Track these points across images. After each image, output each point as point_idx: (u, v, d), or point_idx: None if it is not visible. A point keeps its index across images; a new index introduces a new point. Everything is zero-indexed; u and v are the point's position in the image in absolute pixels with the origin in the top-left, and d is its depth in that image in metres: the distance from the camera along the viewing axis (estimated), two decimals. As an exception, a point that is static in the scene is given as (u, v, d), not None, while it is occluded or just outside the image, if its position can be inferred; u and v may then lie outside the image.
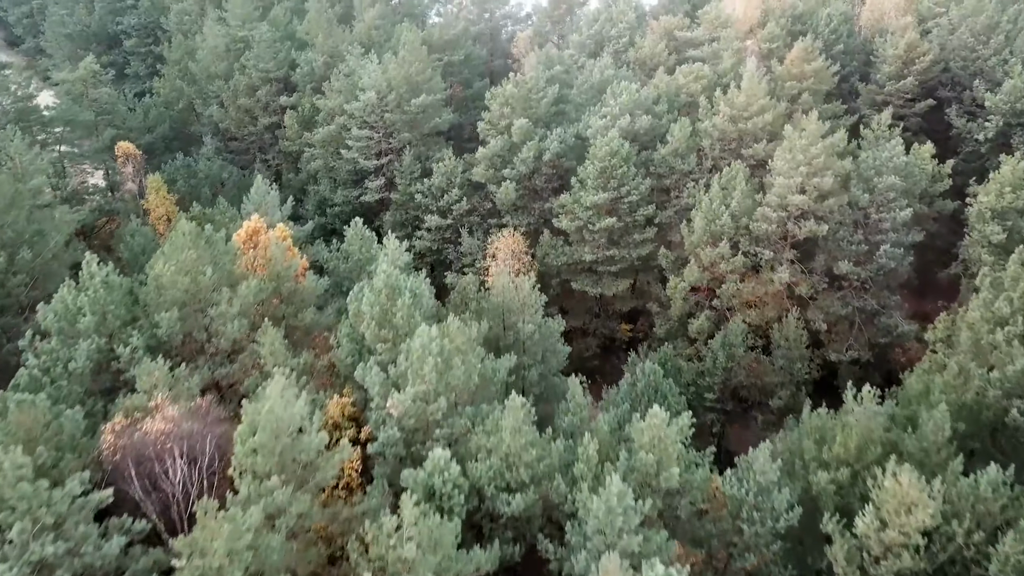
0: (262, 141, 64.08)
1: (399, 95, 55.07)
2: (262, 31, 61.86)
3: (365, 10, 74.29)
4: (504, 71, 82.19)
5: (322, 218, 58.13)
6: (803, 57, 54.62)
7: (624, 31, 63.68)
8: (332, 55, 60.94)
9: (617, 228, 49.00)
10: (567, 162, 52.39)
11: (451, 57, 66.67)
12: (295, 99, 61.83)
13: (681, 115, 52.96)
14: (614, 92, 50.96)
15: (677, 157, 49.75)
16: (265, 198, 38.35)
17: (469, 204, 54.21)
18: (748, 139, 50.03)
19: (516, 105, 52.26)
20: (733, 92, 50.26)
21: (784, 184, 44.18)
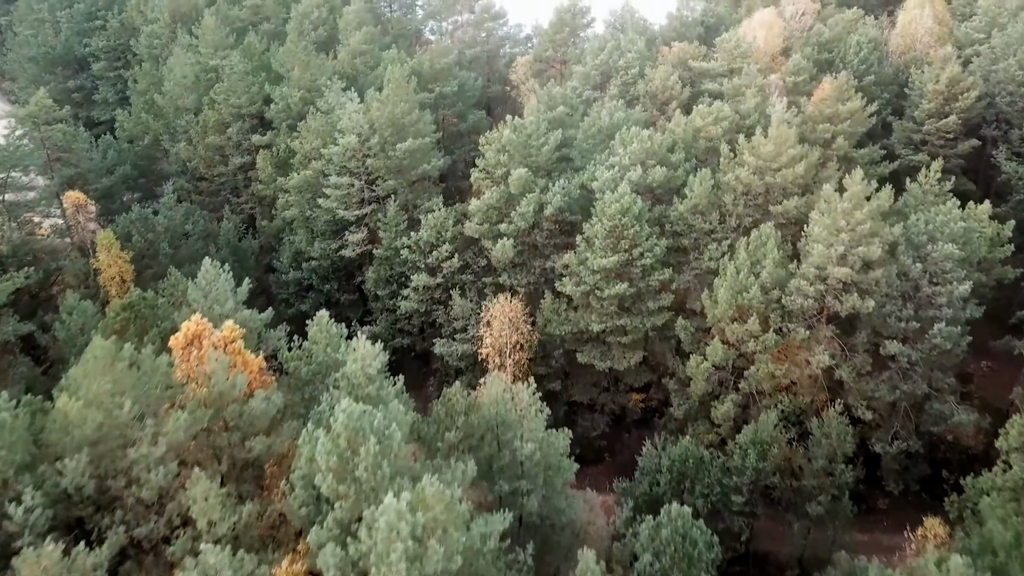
0: (234, 182, 58.10)
1: (383, 138, 49.09)
2: (233, 62, 55.87)
3: (350, 33, 68.33)
4: (502, 98, 76.55)
5: (297, 272, 52.18)
6: (837, 96, 48.62)
7: (633, 61, 57.67)
8: (310, 89, 54.90)
9: (629, 294, 43.03)
10: (571, 216, 46.42)
11: (443, 88, 60.68)
12: (269, 138, 55.87)
13: (700, 164, 47.04)
14: (623, 139, 44.97)
15: (697, 214, 43.77)
16: (215, 284, 32.34)
17: (461, 261, 48.23)
18: (777, 193, 44.08)
19: (514, 153, 46.28)
20: (759, 140, 44.29)
21: (823, 254, 38.18)
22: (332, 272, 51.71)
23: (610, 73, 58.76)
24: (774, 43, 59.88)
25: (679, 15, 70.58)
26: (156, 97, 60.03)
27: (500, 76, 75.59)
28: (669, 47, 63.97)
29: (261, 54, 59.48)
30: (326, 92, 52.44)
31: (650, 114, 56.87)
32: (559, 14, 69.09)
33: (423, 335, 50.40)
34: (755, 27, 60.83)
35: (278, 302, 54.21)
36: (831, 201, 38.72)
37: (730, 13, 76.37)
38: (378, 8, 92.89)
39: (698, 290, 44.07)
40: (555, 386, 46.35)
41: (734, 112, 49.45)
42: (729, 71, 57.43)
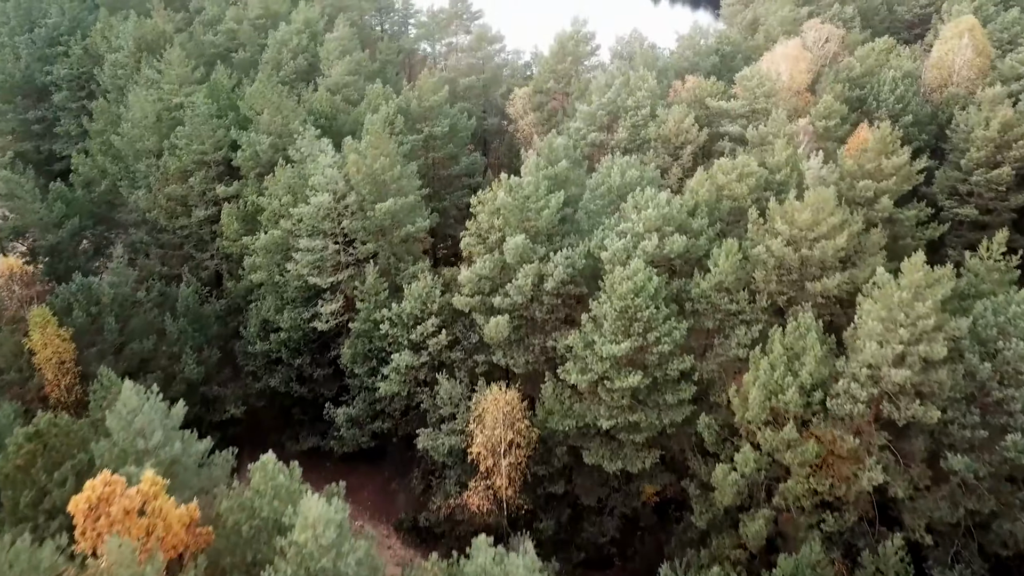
0: (199, 235, 51.99)
1: (360, 197, 43.03)
2: (196, 101, 49.80)
3: (332, 64, 62.39)
4: (498, 132, 70.51)
5: (265, 343, 46.05)
6: (880, 148, 42.53)
7: (643, 100, 51.65)
8: (281, 135, 48.84)
9: (643, 386, 36.95)
10: (576, 289, 40.39)
11: (433, 128, 54.64)
12: (236, 188, 49.80)
13: (724, 229, 41.00)
14: (637, 203, 38.91)
15: (722, 292, 37.64)
16: (138, 413, 26.12)
17: (450, 336, 42.23)
18: (814, 267, 38.01)
19: (509, 217, 40.23)
20: (793, 204, 38.21)
21: (877, 353, 32.07)
22: (304, 344, 45.65)
23: (618, 113, 52.76)
24: (800, 79, 53.87)
25: (691, 42, 64.58)
26: (113, 138, 53.90)
27: (497, 108, 69.66)
28: (683, 81, 58.07)
29: (230, 92, 53.35)
30: (298, 139, 46.33)
31: (662, 160, 50.97)
32: (561, 42, 63.13)
33: (406, 418, 44.33)
34: (778, 60, 54.85)
35: (244, 375, 48.35)
36: (885, 287, 32.61)
37: (745, 39, 70.52)
38: (368, 27, 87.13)
39: (723, 380, 38.02)
40: (557, 488, 40.34)
41: (761, 166, 43.37)
42: (751, 111, 51.51)
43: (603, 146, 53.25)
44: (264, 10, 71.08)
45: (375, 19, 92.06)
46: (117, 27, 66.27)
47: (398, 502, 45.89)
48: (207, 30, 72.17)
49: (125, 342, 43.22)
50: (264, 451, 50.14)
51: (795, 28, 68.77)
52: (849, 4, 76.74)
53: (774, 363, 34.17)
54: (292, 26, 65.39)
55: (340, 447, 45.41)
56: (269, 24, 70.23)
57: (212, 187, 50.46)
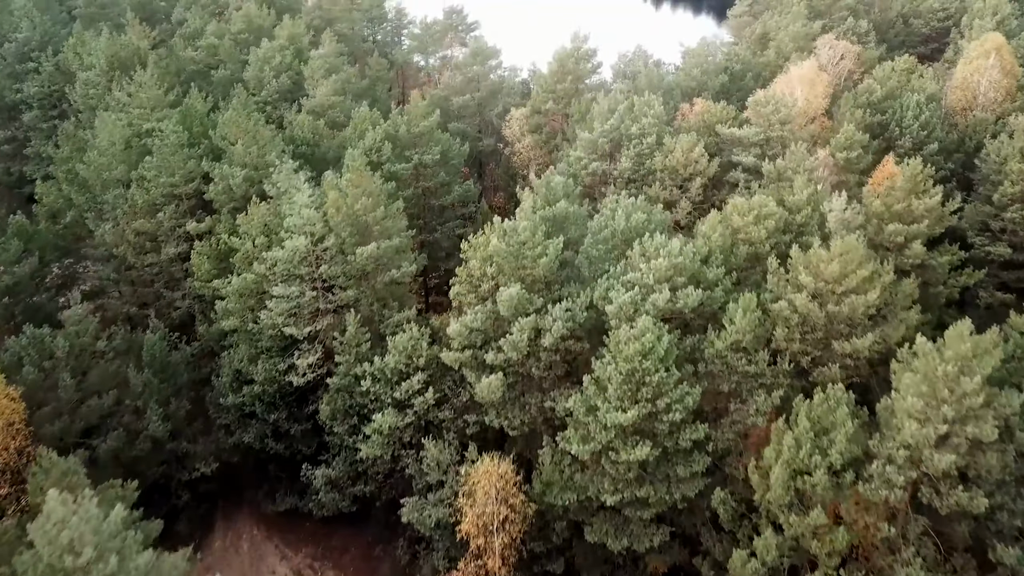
0: (169, 274, 48.15)
1: (340, 239, 39.24)
2: (165, 130, 45.98)
3: (317, 83, 58.60)
4: (493, 155, 66.78)
5: (238, 397, 42.26)
6: (910, 188, 38.76)
7: (649, 127, 47.85)
8: (257, 167, 45.03)
9: (652, 457, 33.19)
10: (577, 345, 36.68)
11: (423, 156, 50.86)
12: (209, 224, 45.97)
13: (741, 278, 37.28)
14: (646, 251, 35.15)
15: (739, 352, 33.87)
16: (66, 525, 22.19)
17: (438, 393, 38.48)
18: (842, 323, 34.27)
19: (503, 264, 36.46)
20: (818, 254, 34.47)
21: (917, 434, 28.30)
22: (280, 398, 41.87)
23: (621, 141, 48.98)
24: (817, 104, 50.08)
25: (698, 59, 60.81)
26: (78, 166, 50.05)
27: (493, 128, 65.88)
28: (691, 104, 54.30)
29: (204, 117, 49.47)
30: (274, 172, 42.51)
31: (669, 192, 47.24)
32: (560, 60, 59.34)
33: (391, 481, 40.56)
34: (794, 83, 51.04)
35: (217, 428, 44.54)
36: (926, 358, 28.83)
37: (755, 54, 66.73)
38: (359, 39, 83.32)
39: (741, 450, 34.29)
40: (556, 567, 36.61)
41: (779, 204, 39.63)
42: (765, 139, 47.71)
43: (605, 176, 49.50)
44: (247, 24, 67.26)
45: (367, 29, 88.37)
46: (90, 43, 62.38)
47: (382, 571, 42.14)
48: (187, 44, 68.30)
49: (83, 398, 39.44)
50: (240, 509, 46.72)
51: (808, 44, 65.02)
52: (863, 18, 73.13)
53: (799, 439, 30.43)
54: (275, 43, 61.61)
55: (319, 510, 41.65)
56: (252, 39, 66.37)
57: (183, 222, 46.63)
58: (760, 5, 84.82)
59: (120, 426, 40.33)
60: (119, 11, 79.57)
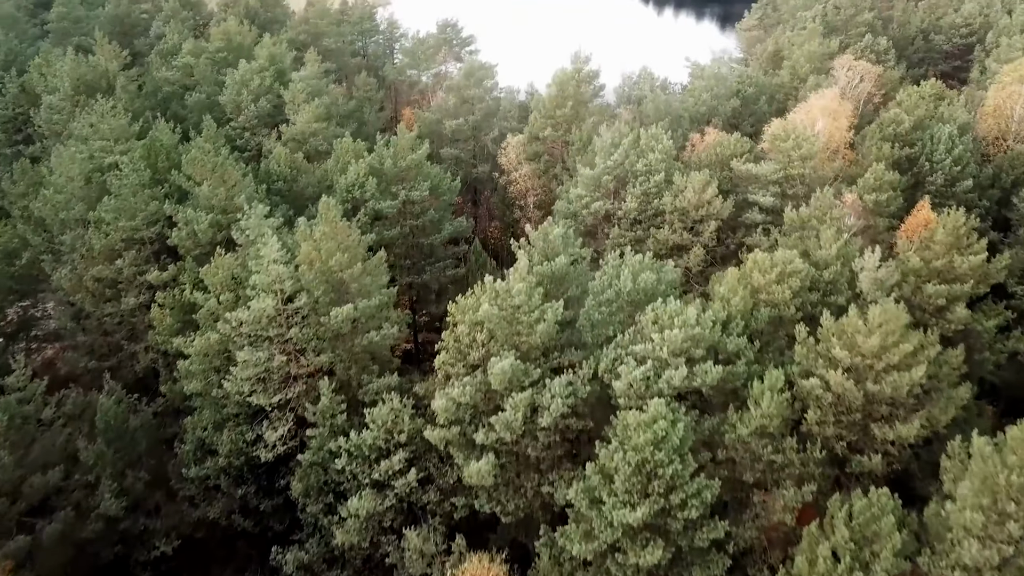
0: (131, 325, 43.90)
1: (313, 299, 34.99)
2: (124, 171, 41.72)
3: (298, 109, 54.37)
4: (487, 182, 62.63)
5: (202, 469, 37.99)
6: (952, 242, 34.54)
7: (657, 164, 43.64)
8: (225, 210, 40.78)
9: (666, 559, 28.96)
10: (579, 423, 32.47)
11: (410, 193, 46.65)
12: (172, 272, 41.70)
13: (764, 343, 33.05)
14: (658, 319, 30.93)
15: (764, 439, 29.67)
16: None
17: (422, 472, 34.25)
18: (882, 405, 30.05)
19: (496, 331, 32.24)
20: (853, 323, 30.27)
21: (977, 556, 24.07)
22: (248, 471, 37.62)
23: (626, 178, 44.78)
24: (839, 136, 45.83)
25: (708, 82, 56.60)
26: (34, 204, 45.82)
27: (488, 153, 61.67)
28: (701, 134, 50.12)
29: (170, 151, 45.16)
30: (243, 218, 38.24)
31: (680, 236, 43.05)
32: (559, 84, 55.09)
33: (370, 566, 36.28)
34: (814, 113, 46.79)
35: (179, 500, 40.18)
36: (986, 462, 24.61)
37: (767, 73, 62.51)
38: (349, 53, 79.13)
39: (765, 550, 30.07)
40: (555, 678, 32.28)
41: (803, 256, 35.41)
42: (785, 176, 43.47)
43: (609, 216, 45.31)
44: (226, 43, 63.02)
45: (358, 42, 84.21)
46: (55, 63, 58.16)
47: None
48: (164, 63, 64.08)
49: (25, 475, 35.17)
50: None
51: (824, 64, 60.90)
52: (881, 34, 69.02)
53: (837, 549, 26.17)
54: (253, 64, 57.33)
55: (292, 597, 37.36)
56: (231, 59, 62.15)
57: (145, 269, 42.38)
58: (770, 18, 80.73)
59: (69, 504, 36.08)
60: (95, 25, 75.55)
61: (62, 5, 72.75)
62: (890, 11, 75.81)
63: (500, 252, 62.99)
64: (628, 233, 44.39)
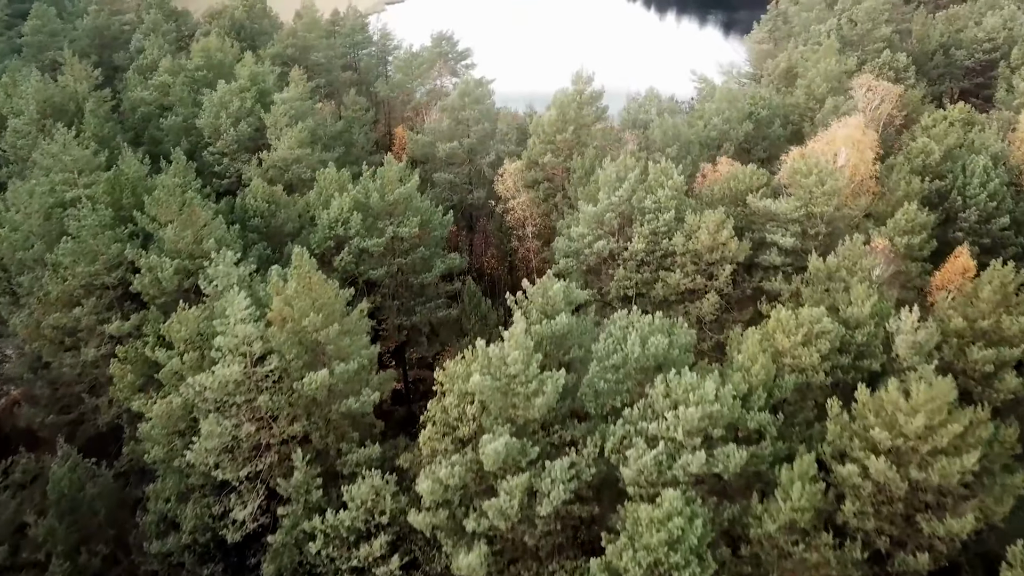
0: (92, 376, 40.23)
1: (285, 362, 31.32)
2: (82, 212, 38.04)
3: (281, 133, 50.72)
4: (483, 209, 58.98)
5: (164, 544, 34.29)
6: (1000, 300, 30.85)
7: (667, 201, 39.96)
8: (192, 255, 37.10)
9: (680, 672, 25.29)
10: (582, 509, 28.82)
11: (399, 230, 42.99)
12: (135, 322, 38.03)
13: (788, 416, 29.40)
14: (671, 393, 27.28)
15: (794, 535, 26.00)
16: None
17: (406, 557, 30.61)
18: (930, 495, 26.38)
19: (489, 403, 28.59)
20: (893, 399, 26.61)
21: None
22: (215, 549, 33.95)
23: (632, 215, 41.13)
24: (865, 169, 42.15)
25: (719, 104, 52.93)
26: (-10, 242, 42.20)
27: (484, 179, 57.99)
28: (713, 163, 46.51)
29: (135, 186, 41.46)
30: (210, 266, 34.57)
31: (693, 280, 39.38)
32: (560, 107, 51.34)
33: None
34: (837, 142, 43.11)
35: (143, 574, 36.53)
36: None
37: (781, 94, 58.83)
38: (339, 67, 75.43)
39: (795, 660, 26.41)
40: None
41: (831, 312, 31.78)
42: (806, 215, 39.79)
43: (614, 256, 41.66)
44: (205, 60, 59.29)
45: (350, 54, 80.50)
46: (23, 83, 54.51)
47: None
48: (142, 80, 60.35)
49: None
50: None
51: (842, 83, 57.25)
52: (900, 49, 65.38)
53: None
54: (233, 84, 53.64)
55: None
56: (212, 77, 58.49)
57: (107, 317, 38.72)
58: (780, 31, 77.07)
59: (15, 587, 32.51)
60: (72, 38, 72.08)
61: (37, 17, 69.12)
62: (908, 24, 72.20)
63: (496, 282, 59.35)
64: (635, 275, 40.74)
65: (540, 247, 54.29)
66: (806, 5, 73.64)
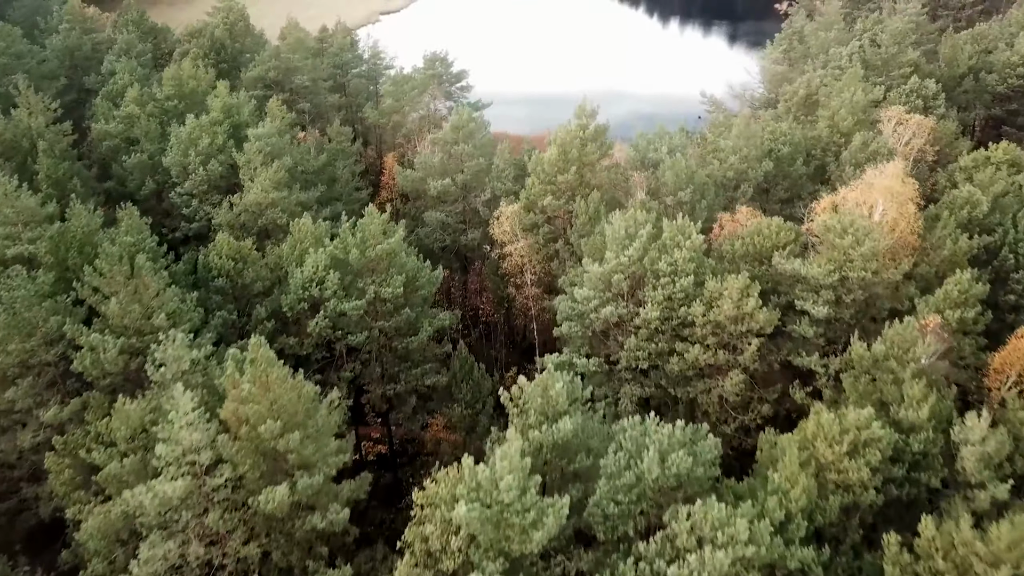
0: (33, 463, 35.48)
1: (236, 474, 26.60)
2: (15, 280, 33.26)
3: (256, 173, 46.06)
4: (477, 251, 54.30)
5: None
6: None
7: (684, 264, 35.23)
8: (140, 331, 32.36)
9: None
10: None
11: (381, 289, 38.30)
12: (75, 407, 33.27)
13: (834, 557, 24.67)
14: (697, 528, 22.55)
15: None
16: None
17: None
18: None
19: (478, 535, 23.87)
20: (967, 540, 21.91)
21: None
22: None
23: (644, 277, 36.42)
24: (907, 225, 37.40)
25: (736, 142, 48.24)
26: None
27: (479, 219, 53.33)
28: (732, 213, 41.88)
29: (83, 244, 36.74)
30: (157, 350, 29.82)
31: (714, 354, 34.68)
32: (562, 145, 46.57)
33: None
34: (874, 193, 38.35)
35: None
36: None
37: (804, 128, 54.07)
38: (325, 90, 70.69)
39: None
40: None
41: (881, 412, 27.09)
42: (840, 279, 35.06)
43: (623, 324, 36.96)
44: (176, 89, 54.59)
45: (338, 75, 75.69)
46: (-24, 118, 49.90)
47: None
48: (110, 109, 55.59)
49: None
50: None
51: (868, 114, 52.53)
52: (927, 75, 60.67)
53: None
54: (204, 118, 48.98)
55: None
56: (183, 107, 53.84)
57: (45, 398, 34.03)
58: (796, 51, 72.31)
59: None
60: (41, 59, 67.37)
61: (1, 39, 64.32)
62: (935, 46, 67.53)
63: (492, 329, 54.69)
64: (647, 345, 36.02)
65: (541, 294, 49.67)
66: (824, 24, 68.89)
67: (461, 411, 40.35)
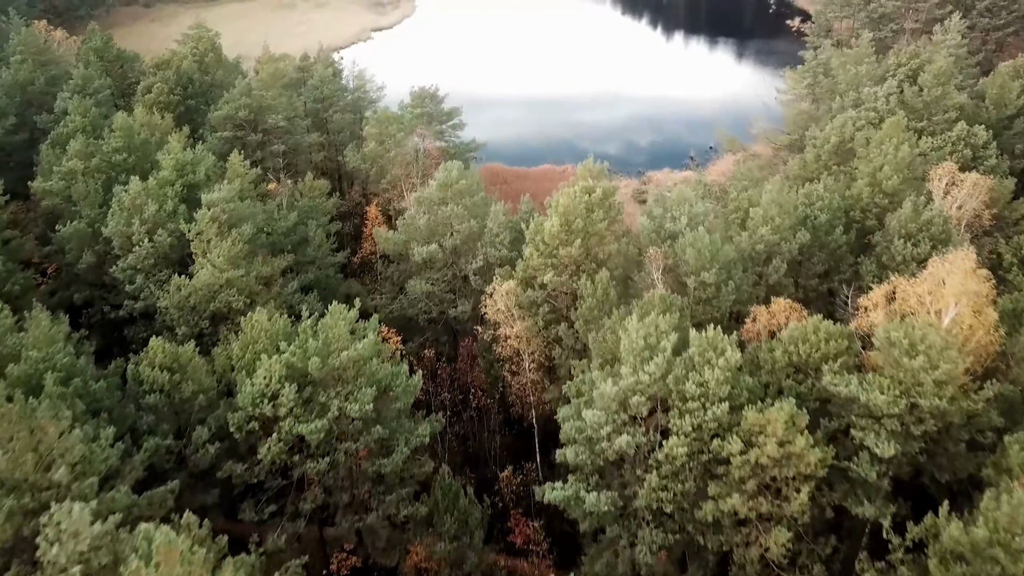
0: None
1: None
2: None
3: (210, 246, 39.44)
4: (468, 324, 47.66)
5: None
6: None
7: (718, 387, 28.55)
8: (36, 487, 25.63)
9: None
10: None
11: (347, 405, 31.60)
12: None
13: None
14: None
15: None
16: None
17: None
18: None
19: None
20: None
21: None
22: None
23: (667, 399, 29.77)
24: (985, 334, 30.72)
25: (767, 210, 41.65)
26: None
27: (470, 287, 46.74)
28: (767, 305, 35.32)
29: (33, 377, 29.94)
30: (49, 525, 23.10)
31: (757, 503, 28.03)
32: (565, 214, 40.03)
33: None
34: (945, 295, 31.60)
35: None
36: None
37: (841, 190, 47.35)
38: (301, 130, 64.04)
39: None
40: None
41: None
42: (908, 407, 28.39)
43: (639, 459, 30.30)
44: (125, 139, 47.86)
45: (320, 110, 69.13)
46: None
47: None
48: (55, 160, 48.79)
49: None
50: None
51: (914, 172, 45.97)
52: (972, 118, 54.08)
53: None
54: (152, 180, 42.36)
55: None
56: (134, 162, 47.23)
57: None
58: (822, 86, 65.65)
59: None
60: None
61: (-58, 74, 57.84)
62: (975, 82, 60.99)
63: (484, 416, 47.97)
64: (673, 485, 29.37)
65: (540, 379, 43.16)
66: (854, 57, 62.15)
67: (445, 545, 33.69)
